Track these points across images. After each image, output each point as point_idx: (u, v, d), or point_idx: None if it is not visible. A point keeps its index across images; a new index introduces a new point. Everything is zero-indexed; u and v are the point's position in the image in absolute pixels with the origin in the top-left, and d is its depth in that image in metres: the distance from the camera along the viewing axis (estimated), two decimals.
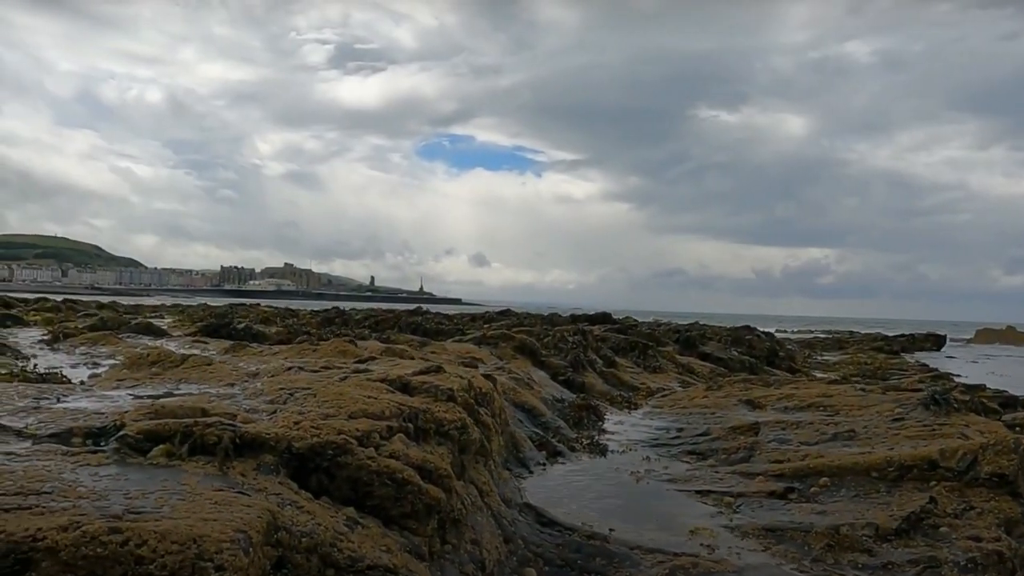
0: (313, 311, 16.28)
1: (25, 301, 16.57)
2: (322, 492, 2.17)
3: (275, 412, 2.21)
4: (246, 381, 2.90)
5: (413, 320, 8.06)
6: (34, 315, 8.11)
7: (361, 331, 6.95)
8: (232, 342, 5.38)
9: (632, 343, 10.35)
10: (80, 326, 6.54)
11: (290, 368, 3.03)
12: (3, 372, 2.91)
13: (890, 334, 34.96)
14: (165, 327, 7.55)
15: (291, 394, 2.40)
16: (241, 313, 12.34)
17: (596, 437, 5.19)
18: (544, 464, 4.24)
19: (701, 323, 30.82)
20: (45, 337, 5.43)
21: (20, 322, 7.25)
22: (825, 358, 20.26)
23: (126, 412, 2.11)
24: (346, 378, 2.72)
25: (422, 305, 26.78)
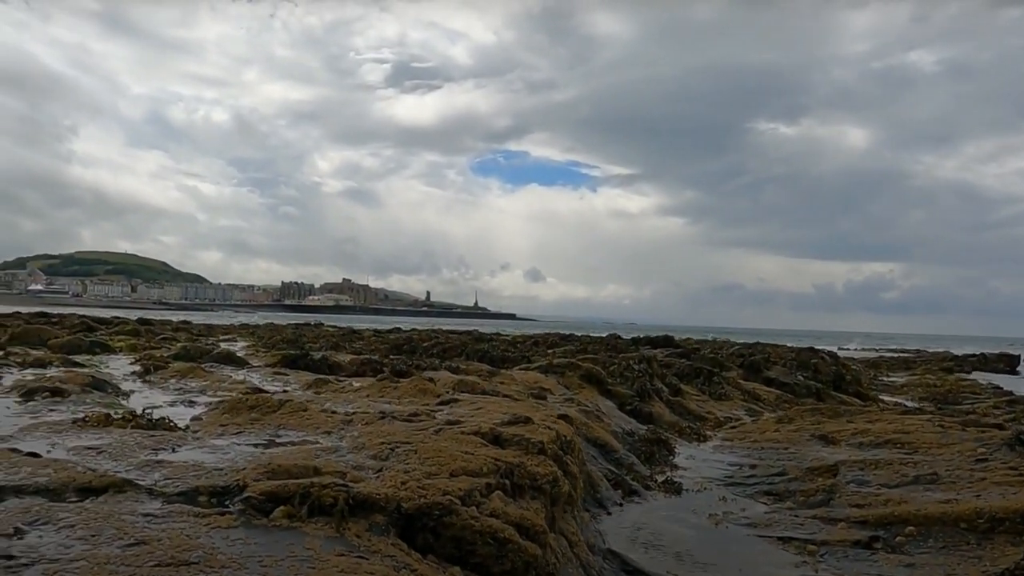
0: (376, 332, 16.54)
1: (103, 322, 17.29)
2: (428, 551, 2.26)
3: (381, 470, 2.30)
4: (342, 428, 3.01)
5: (480, 348, 8.15)
6: (118, 340, 8.45)
7: (431, 360, 7.07)
8: (312, 375, 5.55)
9: (696, 369, 10.28)
10: (166, 355, 6.81)
11: (382, 416, 3.13)
12: (117, 417, 3.08)
13: (959, 352, 33.77)
14: (242, 353, 7.80)
15: (392, 449, 2.50)
16: (309, 336, 12.64)
17: (669, 474, 5.19)
18: (621, 504, 4.26)
19: (761, 342, 30.31)
20: (136, 368, 5.68)
21: (108, 349, 7.58)
22: (892, 379, 19.71)
23: (244, 470, 2.23)
24: (440, 431, 2.81)
25: (478, 329, 26.93)
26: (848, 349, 42.05)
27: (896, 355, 36.10)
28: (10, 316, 17.57)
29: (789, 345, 27.61)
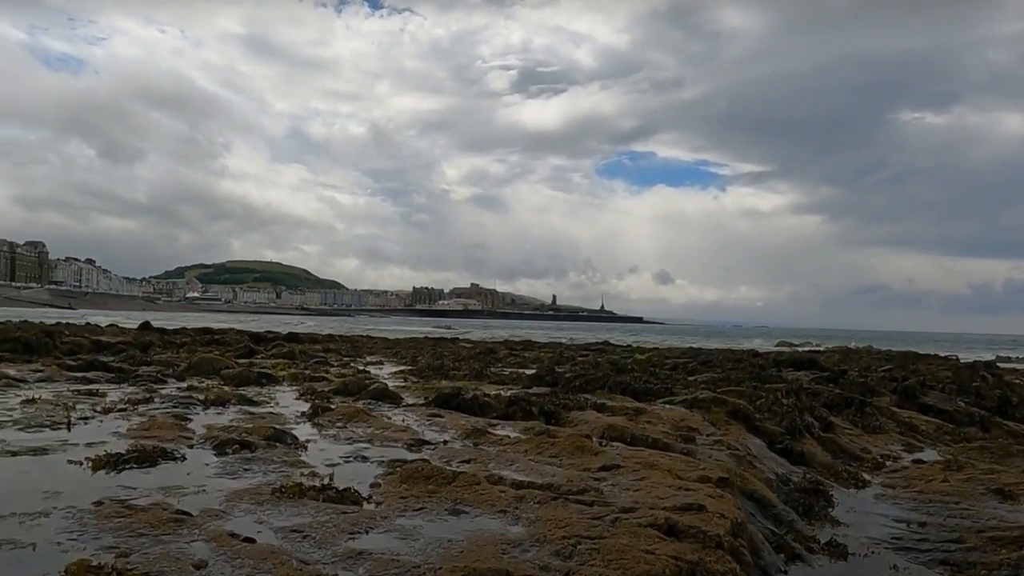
0: (511, 350, 16.77)
1: (259, 339, 18.42)
2: None
3: (568, 572, 2.39)
4: (516, 507, 3.13)
5: (622, 380, 8.14)
6: (279, 368, 9.03)
7: (576, 398, 7.15)
8: (466, 419, 5.76)
9: (847, 399, 9.83)
10: (327, 390, 7.21)
11: (554, 496, 3.23)
12: (308, 487, 3.32)
13: None
14: (394, 385, 8.13)
15: (574, 546, 2.58)
16: (449, 356, 13.02)
17: (831, 531, 5.01)
18: (784, 572, 4.16)
19: (912, 351, 28.47)
20: (304, 408, 6.06)
21: (272, 380, 8.08)
22: None
23: (440, 570, 2.36)
24: (617, 520, 2.87)
25: (608, 341, 26.77)
26: (1011, 360, 38.74)
27: None
28: (177, 333, 18.97)
29: (941, 355, 25.81)
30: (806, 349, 30.75)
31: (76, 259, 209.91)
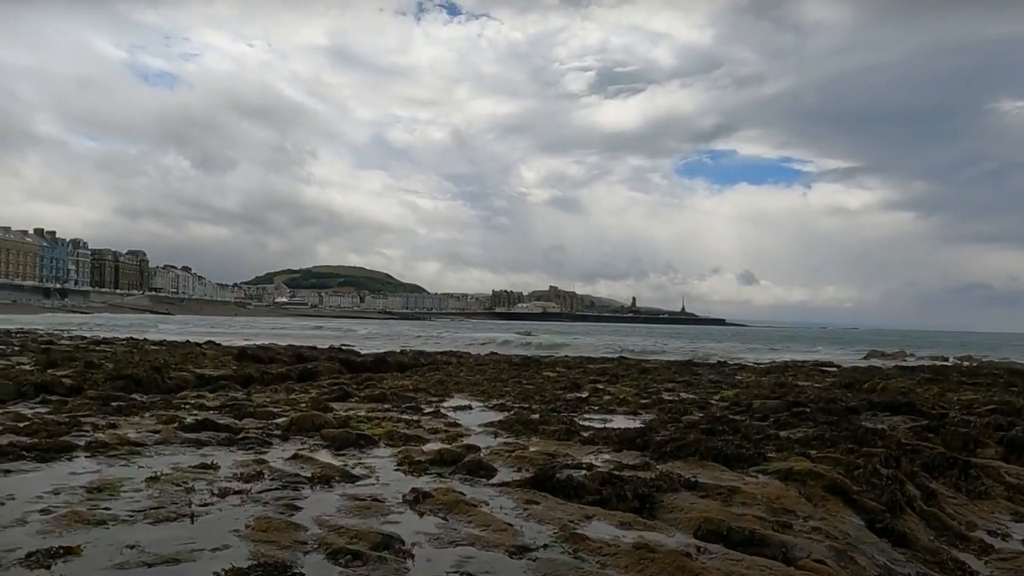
0: (596, 383, 16.85)
1: (351, 367, 18.99)
2: None
3: None
4: None
5: (713, 446, 8.13)
6: (375, 425, 9.35)
7: (666, 467, 7.19)
8: (564, 517, 5.86)
9: (949, 459, 9.49)
10: (424, 460, 7.45)
11: None
12: None
13: None
14: (486, 449, 8.30)
15: None
16: (534, 391, 13.21)
17: None
18: None
19: (1018, 365, 27.01)
20: (404, 490, 6.27)
21: (369, 441, 8.39)
22: None
23: None
24: None
25: (692, 362, 26.33)
26: None
27: None
28: (273, 361, 19.67)
29: None
30: (895, 366, 29.57)
31: (173, 266, 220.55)
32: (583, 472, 7.12)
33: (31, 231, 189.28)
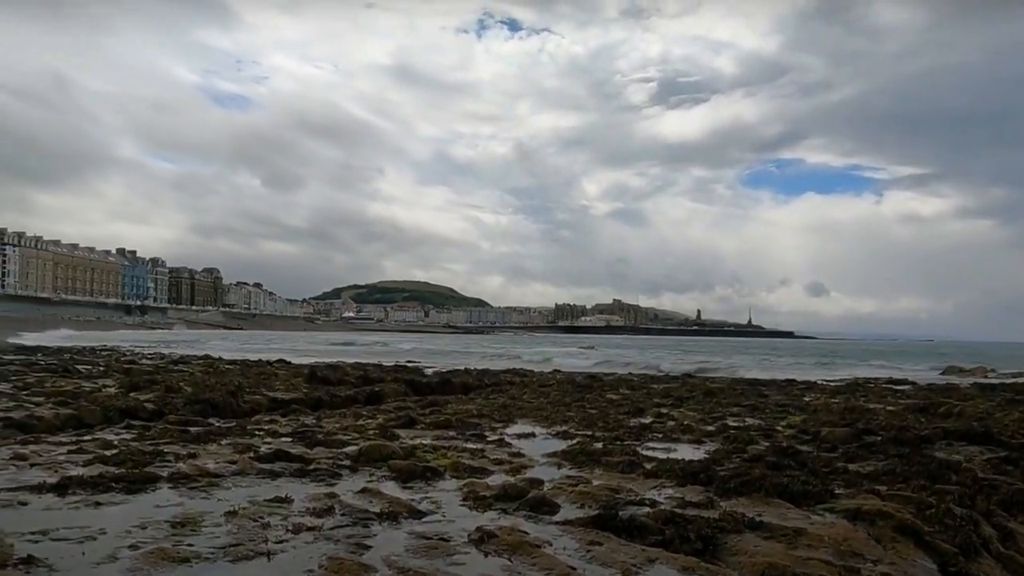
0: (660, 406, 16.75)
1: (417, 388, 19.29)
2: None
3: None
4: None
5: (779, 482, 8.05)
6: (441, 455, 9.53)
7: (734, 512, 7.16)
8: (628, 561, 5.91)
9: None
10: (488, 496, 7.59)
11: None
12: None
13: None
14: (547, 478, 8.38)
15: None
16: (597, 414, 13.24)
17: None
18: None
19: None
20: (470, 528, 6.41)
21: (435, 474, 8.58)
22: None
23: None
24: None
25: (757, 384, 25.78)
26: None
27: None
28: (341, 383, 20.13)
29: None
30: (974, 383, 28.39)
31: (246, 283, 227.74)
32: (646, 510, 7.15)
33: (114, 251, 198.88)
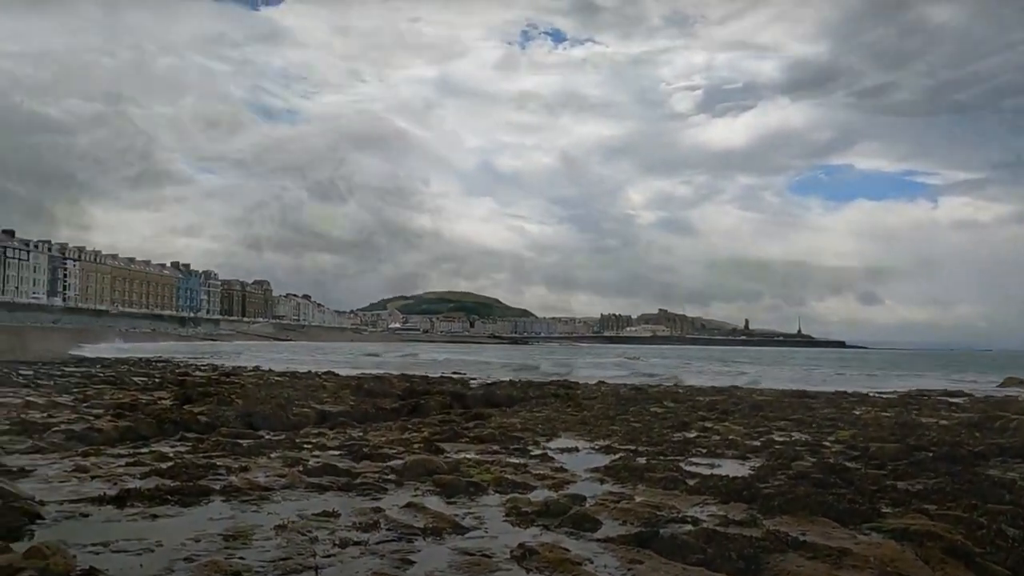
0: (705, 419, 16.63)
1: (458, 398, 19.43)
2: None
3: None
4: None
5: (823, 500, 7.98)
6: (484, 470, 9.62)
7: (776, 531, 7.12)
8: None
9: None
10: (530, 512, 7.65)
11: None
12: None
13: None
14: (590, 494, 8.41)
15: None
16: (641, 429, 13.22)
17: None
18: None
19: None
20: (512, 544, 6.48)
21: (478, 489, 8.65)
22: None
23: None
24: None
25: (806, 396, 25.30)
26: None
27: None
28: (386, 395, 20.38)
29: None
30: None
31: (295, 295, 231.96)
32: (687, 528, 7.15)
33: (168, 264, 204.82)
